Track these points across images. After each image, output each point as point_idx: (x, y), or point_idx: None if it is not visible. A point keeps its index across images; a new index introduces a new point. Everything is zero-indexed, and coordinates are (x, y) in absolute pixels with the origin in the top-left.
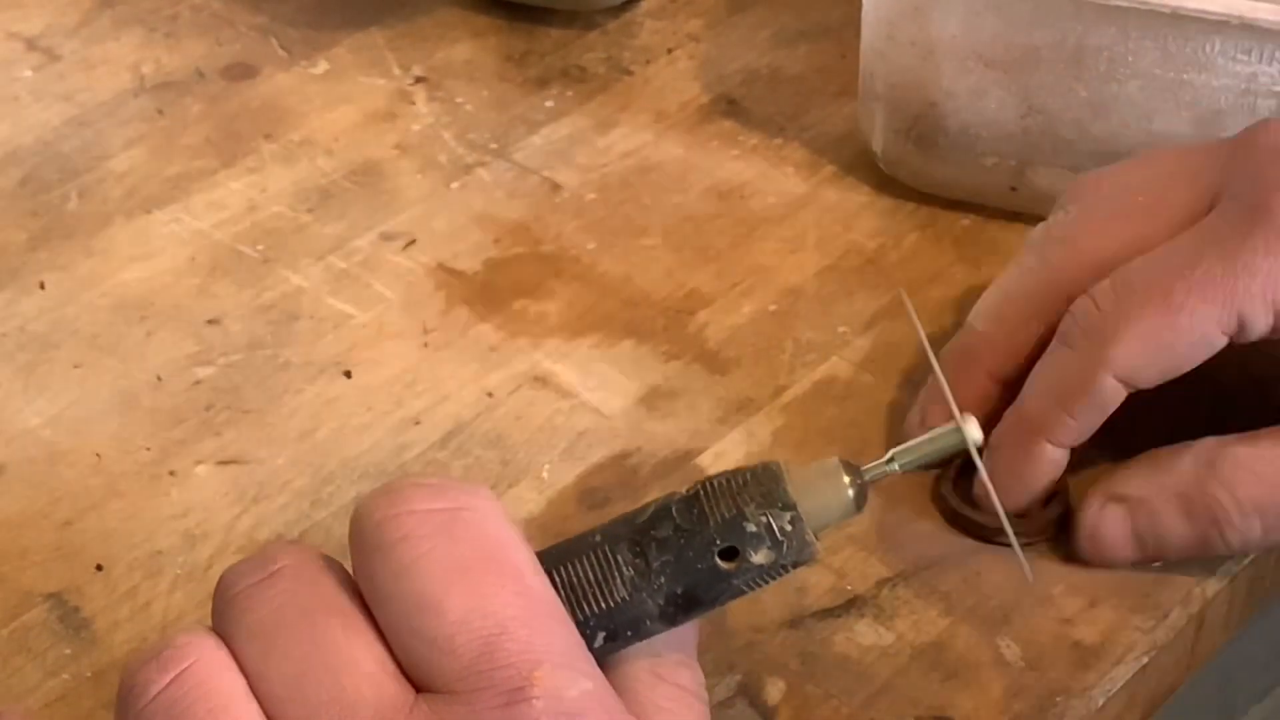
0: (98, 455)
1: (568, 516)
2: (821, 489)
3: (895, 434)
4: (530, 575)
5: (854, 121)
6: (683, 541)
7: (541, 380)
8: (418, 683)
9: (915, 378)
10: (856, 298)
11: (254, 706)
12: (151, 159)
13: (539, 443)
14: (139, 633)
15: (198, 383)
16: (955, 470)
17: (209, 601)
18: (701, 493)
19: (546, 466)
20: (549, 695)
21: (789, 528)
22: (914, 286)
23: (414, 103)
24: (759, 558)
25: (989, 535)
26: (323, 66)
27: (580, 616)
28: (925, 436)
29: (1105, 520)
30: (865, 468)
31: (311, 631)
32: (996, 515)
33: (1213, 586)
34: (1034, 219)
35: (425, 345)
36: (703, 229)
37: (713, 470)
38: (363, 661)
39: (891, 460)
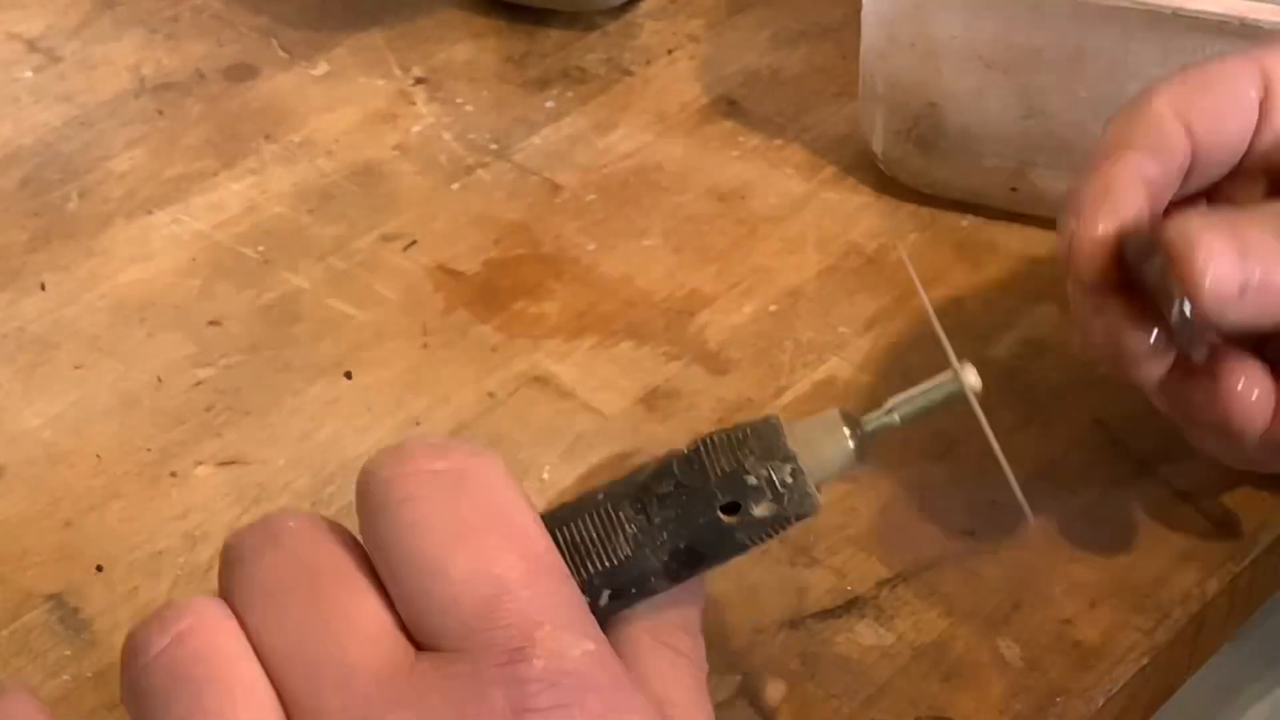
0: (98, 456)
1: None
2: (822, 442)
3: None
4: (534, 536)
5: (854, 122)
6: (684, 497)
7: (542, 381)
8: (421, 641)
9: (915, 378)
10: (856, 298)
11: (255, 667)
12: (152, 160)
13: (539, 443)
14: None
15: (198, 384)
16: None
17: None
18: (702, 449)
19: (547, 467)
20: (550, 655)
21: (790, 480)
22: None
23: (414, 103)
24: (760, 510)
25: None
26: (323, 67)
27: (584, 575)
28: (923, 387)
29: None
30: (865, 418)
31: (313, 593)
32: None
33: (1213, 586)
34: (1034, 220)
35: (425, 346)
36: (703, 230)
37: None
38: (364, 623)
39: (891, 411)
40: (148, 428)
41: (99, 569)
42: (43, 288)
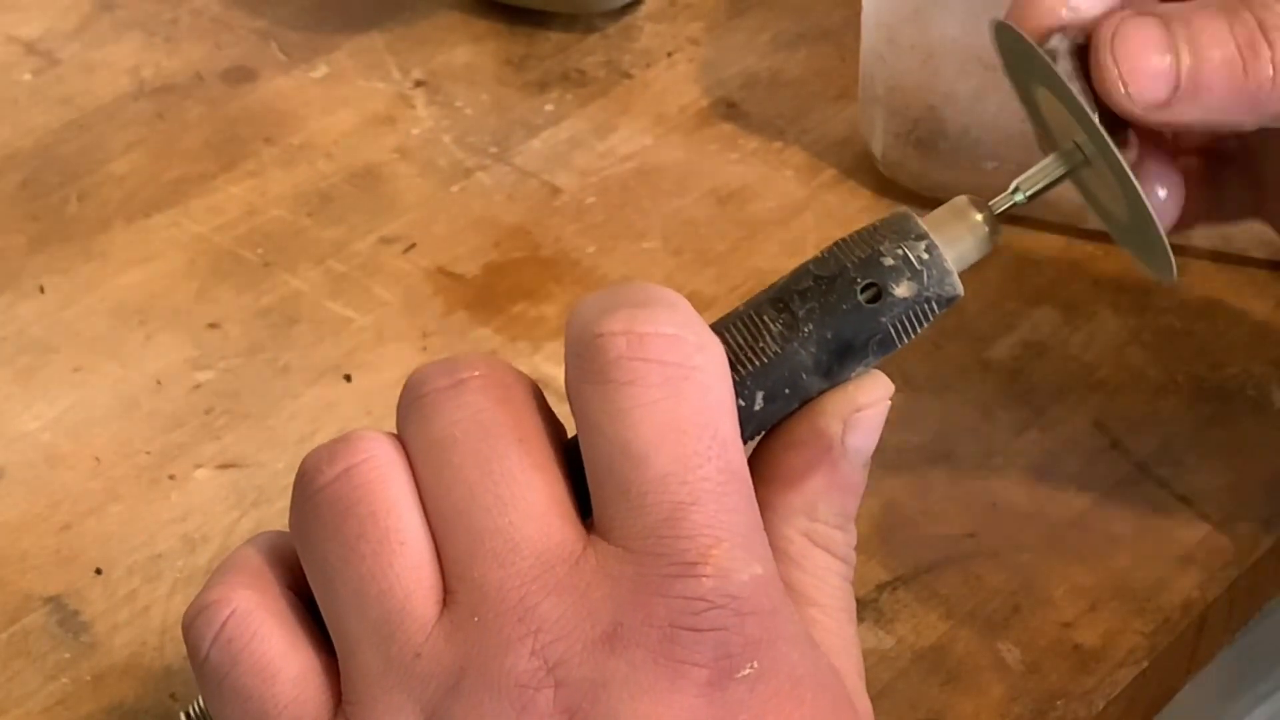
0: (97, 459)
1: None
2: (954, 225)
3: (895, 434)
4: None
5: (854, 125)
6: (824, 288)
7: (542, 383)
8: (596, 522)
9: (916, 381)
10: None
11: (416, 518)
12: (151, 163)
13: None
14: (138, 636)
15: (197, 386)
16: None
17: None
18: (835, 247)
19: None
20: (719, 575)
21: (925, 256)
22: None
23: (413, 106)
24: (901, 290)
25: None
26: (322, 70)
27: (736, 378)
28: (1044, 163)
29: (1129, 26)
30: (992, 201)
31: (487, 455)
32: None
33: (1213, 590)
34: (1035, 223)
35: (425, 349)
36: (702, 232)
37: None
38: (535, 499)
39: (1016, 190)
40: (147, 430)
41: (98, 572)
42: (42, 290)
